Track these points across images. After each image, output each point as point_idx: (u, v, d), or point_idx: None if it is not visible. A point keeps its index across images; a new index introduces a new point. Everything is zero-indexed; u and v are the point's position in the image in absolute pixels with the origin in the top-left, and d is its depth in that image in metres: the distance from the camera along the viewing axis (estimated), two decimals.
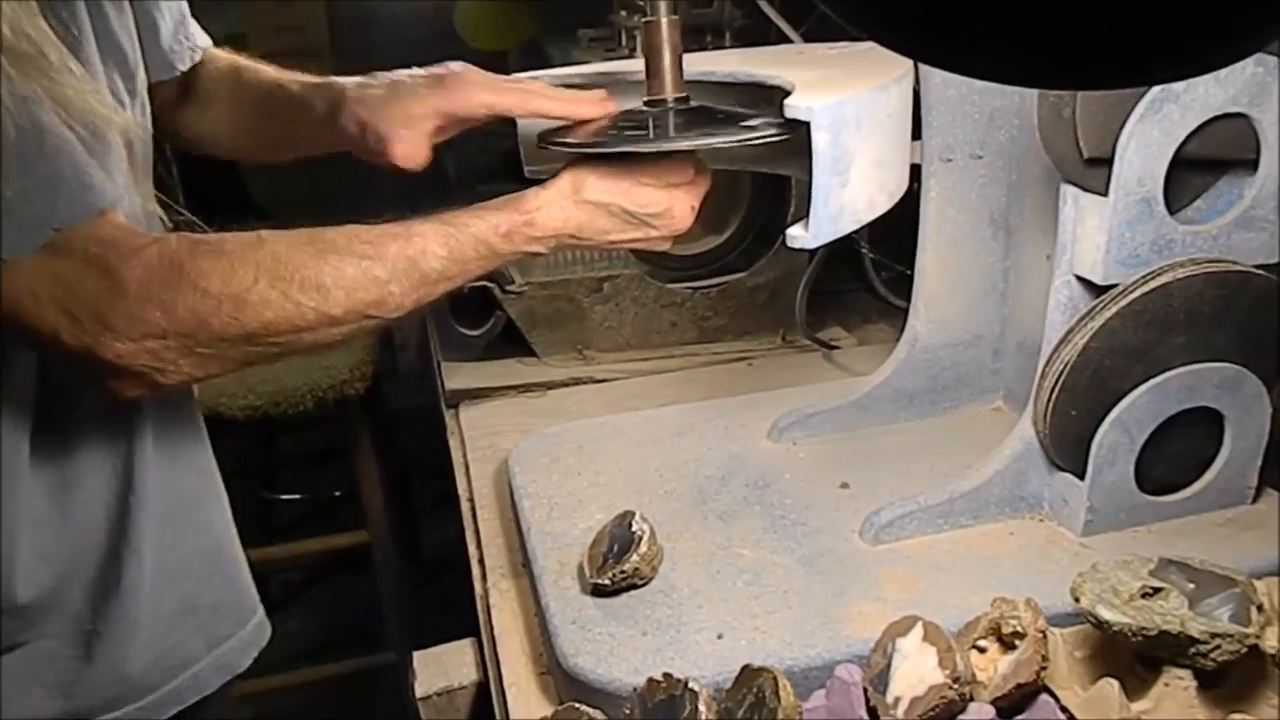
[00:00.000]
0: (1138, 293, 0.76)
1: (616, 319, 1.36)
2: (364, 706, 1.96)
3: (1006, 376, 1.06)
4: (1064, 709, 0.67)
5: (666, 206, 0.77)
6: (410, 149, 0.85)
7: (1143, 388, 0.79)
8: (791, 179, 1.33)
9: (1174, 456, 0.84)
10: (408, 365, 1.90)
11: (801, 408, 1.04)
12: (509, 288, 1.33)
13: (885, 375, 1.04)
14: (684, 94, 0.81)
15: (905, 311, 1.38)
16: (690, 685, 0.62)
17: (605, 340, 1.37)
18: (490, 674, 0.83)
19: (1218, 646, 0.64)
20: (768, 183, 1.36)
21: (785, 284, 1.37)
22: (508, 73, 0.90)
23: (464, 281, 0.74)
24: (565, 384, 1.31)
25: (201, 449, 0.87)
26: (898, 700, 0.66)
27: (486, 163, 1.82)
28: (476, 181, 1.75)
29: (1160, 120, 0.73)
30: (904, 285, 1.44)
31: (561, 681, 0.75)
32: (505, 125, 1.96)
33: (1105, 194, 0.76)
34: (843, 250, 1.42)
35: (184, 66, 0.91)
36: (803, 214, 0.74)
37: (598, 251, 1.46)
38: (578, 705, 0.64)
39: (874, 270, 1.45)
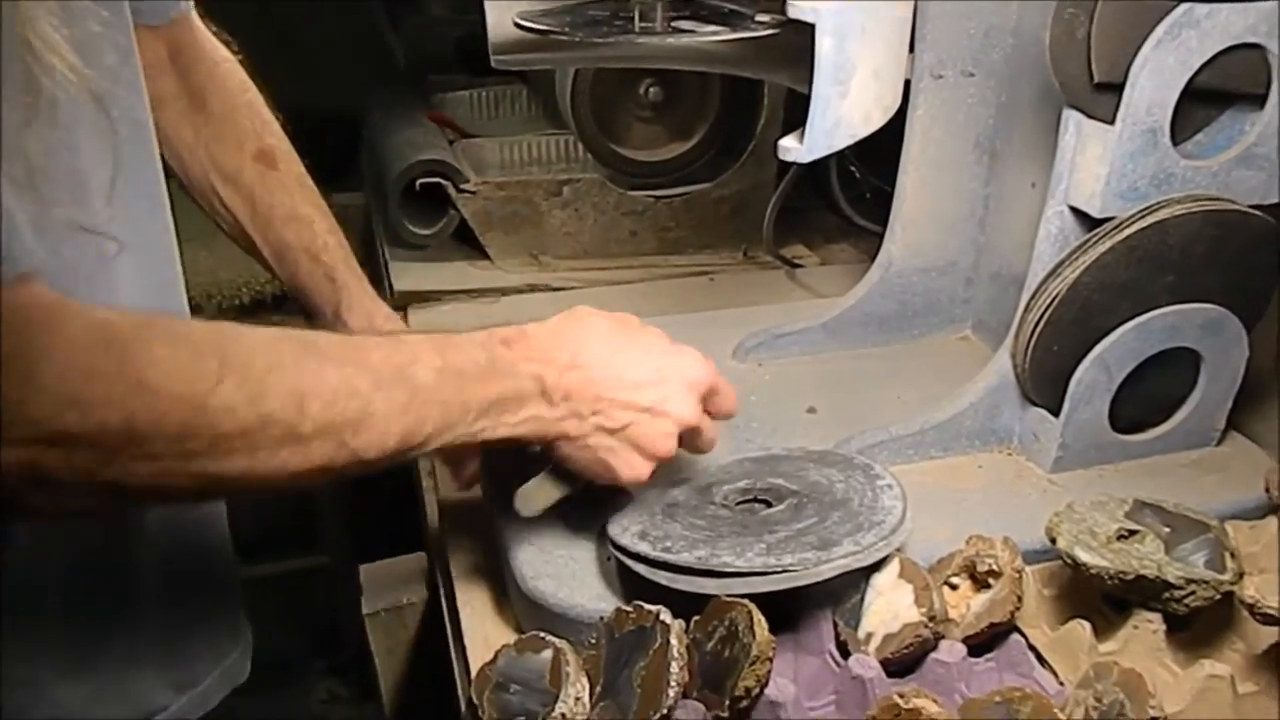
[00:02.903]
0: (1134, 228, 0.74)
1: (575, 225, 1.31)
2: (298, 610, 1.93)
3: (977, 306, 1.04)
4: (1032, 648, 0.67)
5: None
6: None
7: (1127, 326, 0.77)
8: (763, 87, 1.28)
9: (1144, 396, 0.83)
10: None
11: (769, 328, 1.01)
12: (464, 186, 1.26)
13: (856, 298, 1.01)
14: None
15: (869, 231, 1.36)
16: (662, 617, 0.60)
17: (562, 246, 1.31)
18: (442, 592, 0.80)
19: (1193, 592, 0.63)
20: (738, 91, 1.30)
21: (751, 198, 1.33)
22: None
23: (459, 418, 0.58)
24: (520, 290, 1.26)
25: None
26: (870, 636, 0.64)
27: (438, 51, 1.73)
28: (429, 70, 1.65)
29: (1177, 47, 0.69)
30: (868, 205, 1.41)
31: (520, 605, 0.72)
32: (458, 12, 1.83)
33: (1111, 122, 0.72)
34: (807, 165, 1.38)
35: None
36: (779, 127, 0.69)
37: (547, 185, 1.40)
38: (542, 635, 0.61)
39: (839, 188, 1.41)
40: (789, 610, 0.66)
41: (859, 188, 1.41)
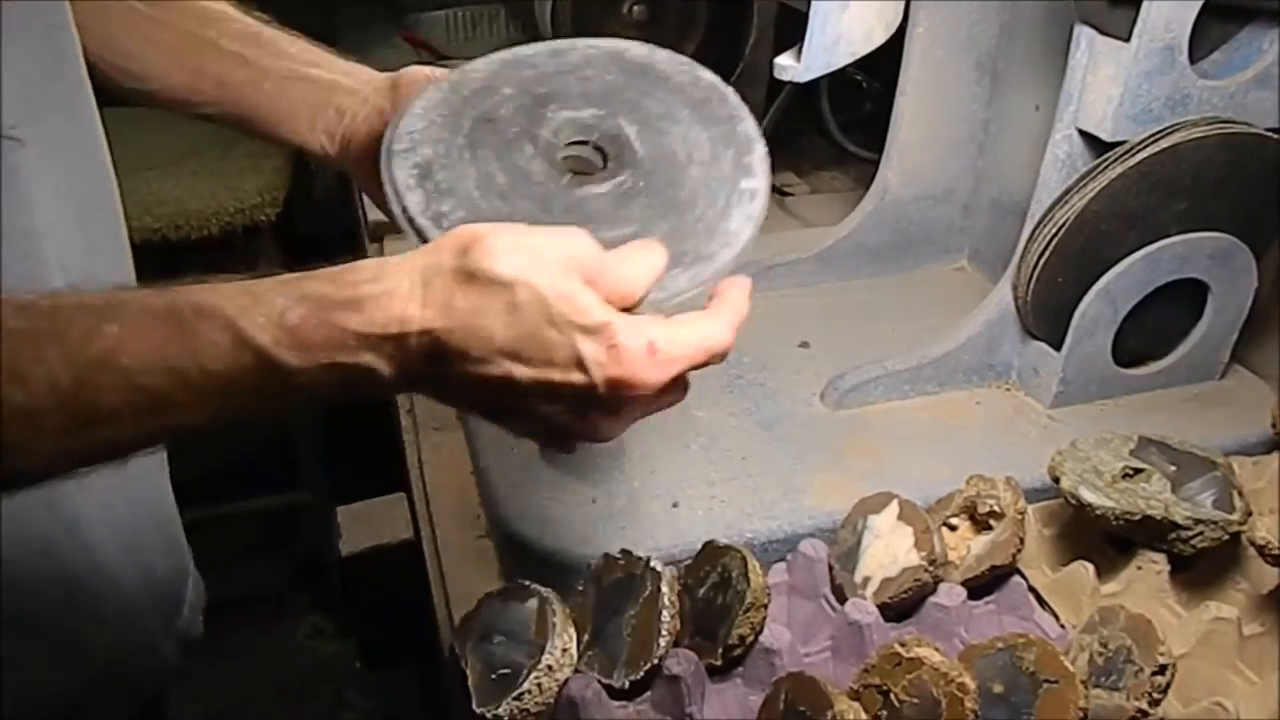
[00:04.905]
0: (1146, 153, 0.70)
1: None
2: (282, 545, 1.91)
3: (974, 235, 1.00)
4: (1032, 590, 0.65)
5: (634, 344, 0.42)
6: None
7: (1135, 256, 0.74)
8: (753, 6, 1.22)
9: (1148, 328, 0.80)
10: (324, 191, 1.74)
11: (759, 259, 0.97)
12: None
13: (851, 228, 0.97)
14: None
15: (859, 158, 1.32)
16: (652, 564, 0.57)
17: None
18: (423, 534, 0.77)
19: (1200, 533, 0.61)
20: (726, 10, 1.24)
21: None
22: None
23: (205, 423, 0.40)
24: None
25: None
26: (867, 580, 0.62)
27: None
28: None
29: None
30: (859, 130, 1.36)
31: (503, 549, 0.70)
32: None
33: (1125, 39, 0.68)
34: (797, 89, 1.32)
35: None
36: (769, 49, 0.65)
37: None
38: (527, 583, 0.59)
39: (830, 112, 1.36)
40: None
41: (850, 112, 1.36)
